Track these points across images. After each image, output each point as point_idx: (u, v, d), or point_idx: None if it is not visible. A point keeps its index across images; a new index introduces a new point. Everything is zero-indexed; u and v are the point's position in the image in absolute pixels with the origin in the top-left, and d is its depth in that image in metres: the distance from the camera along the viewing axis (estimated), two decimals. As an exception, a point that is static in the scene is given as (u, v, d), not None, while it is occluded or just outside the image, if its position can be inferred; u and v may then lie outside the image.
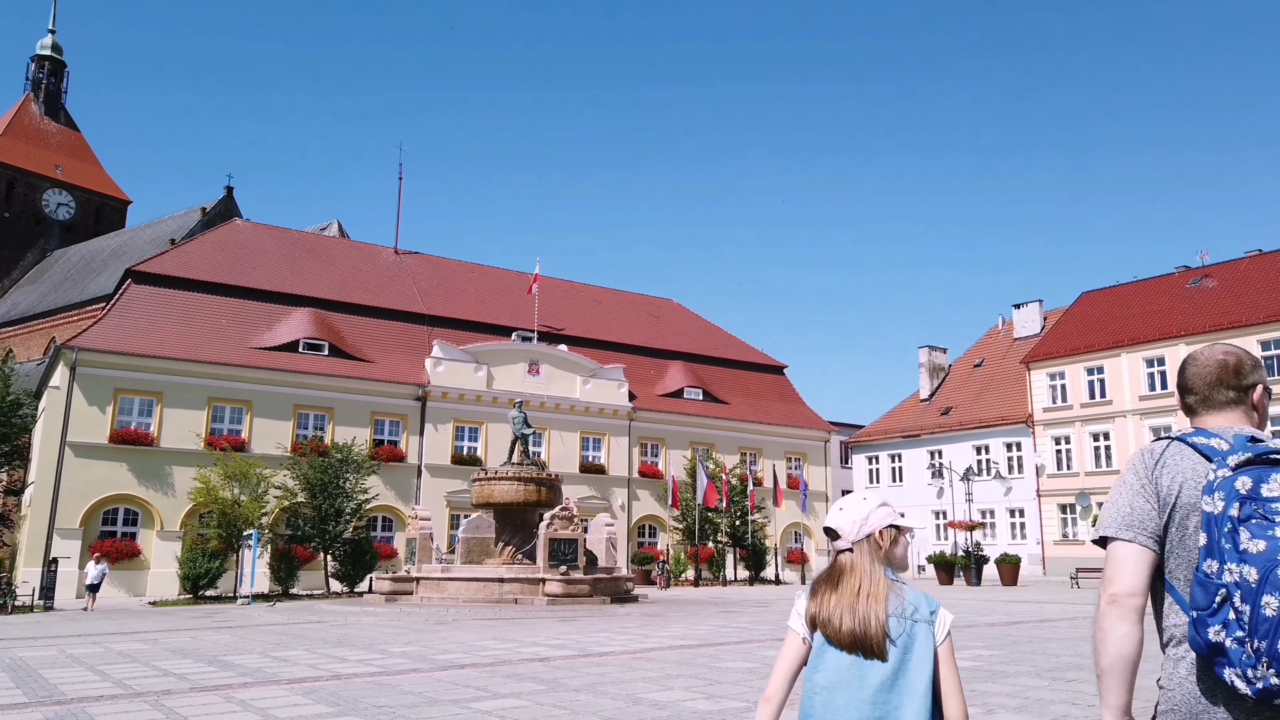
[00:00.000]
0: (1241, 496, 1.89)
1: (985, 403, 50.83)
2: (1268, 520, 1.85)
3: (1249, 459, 1.95)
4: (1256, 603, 1.79)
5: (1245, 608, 1.81)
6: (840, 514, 2.42)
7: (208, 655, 12.46)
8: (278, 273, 39.72)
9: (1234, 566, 1.84)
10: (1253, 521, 1.86)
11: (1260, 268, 43.42)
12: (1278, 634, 1.76)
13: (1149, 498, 2.08)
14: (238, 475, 28.74)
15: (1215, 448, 2.04)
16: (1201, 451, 2.05)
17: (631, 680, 9.57)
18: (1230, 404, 2.19)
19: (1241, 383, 2.19)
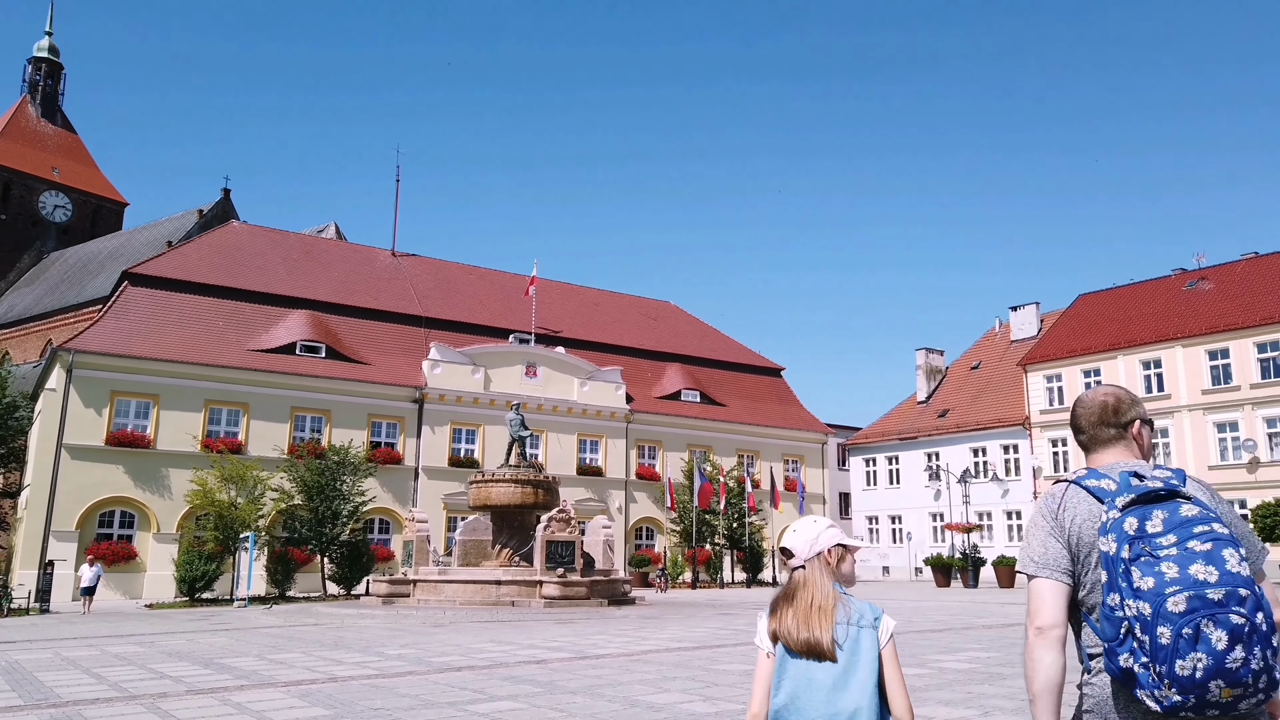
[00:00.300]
0: (1130, 538, 2.14)
1: (982, 405, 50.88)
2: (1154, 557, 2.11)
3: (1133, 499, 2.20)
4: (1153, 634, 2.05)
5: (1145, 638, 2.06)
6: (794, 535, 2.68)
7: (204, 658, 12.44)
8: (275, 275, 39.70)
9: (1131, 602, 2.10)
10: (1141, 560, 2.11)
11: (1256, 270, 43.50)
12: (1173, 659, 2.01)
13: (1059, 538, 2.33)
14: (234, 477, 28.70)
15: (1104, 489, 2.28)
16: (1093, 494, 2.29)
17: (628, 682, 9.56)
18: (1113, 440, 2.48)
19: (1121, 420, 2.48)
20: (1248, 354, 39.59)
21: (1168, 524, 2.15)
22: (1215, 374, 40.62)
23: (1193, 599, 2.04)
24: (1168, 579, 2.07)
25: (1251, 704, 2.07)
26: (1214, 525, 2.14)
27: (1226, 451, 39.77)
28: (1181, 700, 2.04)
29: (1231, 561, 2.08)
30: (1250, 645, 2.02)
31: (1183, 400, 41.30)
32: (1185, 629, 2.02)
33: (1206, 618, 2.02)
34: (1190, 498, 2.21)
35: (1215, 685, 2.02)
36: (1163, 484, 2.22)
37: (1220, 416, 40.12)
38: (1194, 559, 2.08)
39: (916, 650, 12.46)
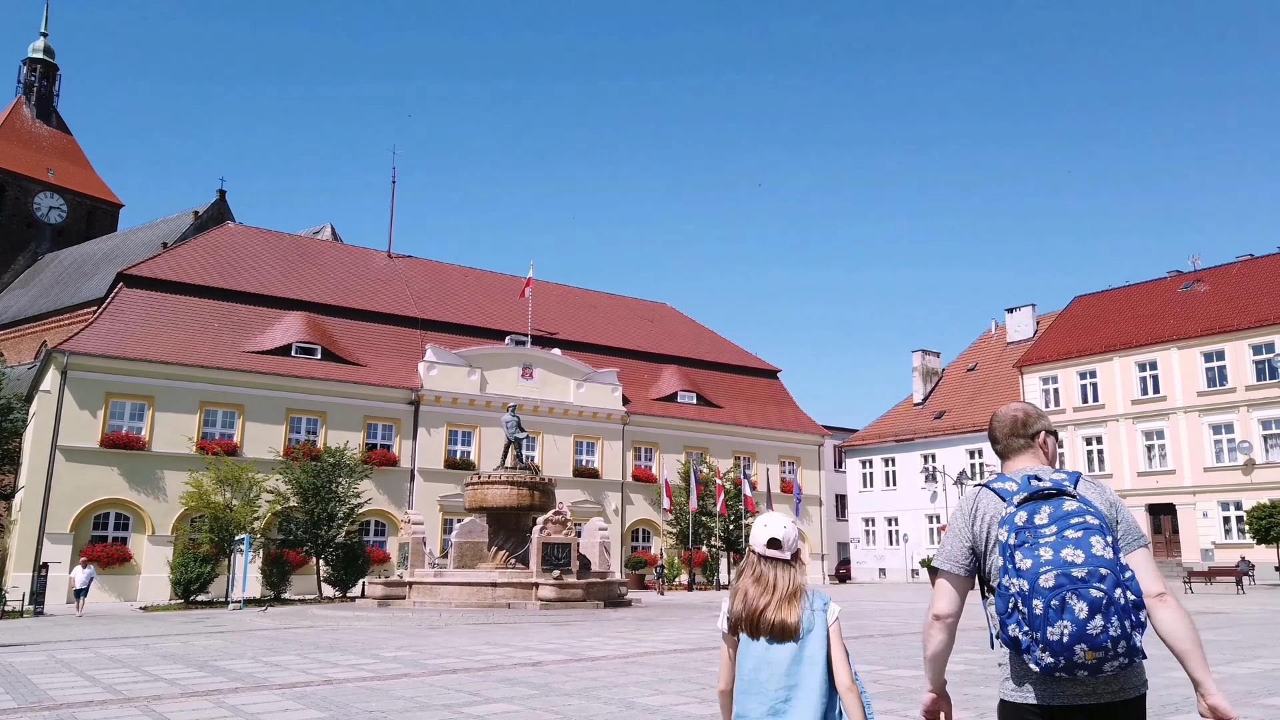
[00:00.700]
0: (1018, 528, 2.56)
1: (979, 406, 50.91)
2: (1034, 543, 2.51)
3: (1026, 496, 2.62)
4: (1030, 606, 2.46)
5: (1025, 610, 2.48)
6: (784, 530, 3.04)
7: (198, 660, 12.41)
8: (270, 276, 39.64)
9: (1015, 581, 2.51)
10: (1024, 545, 2.52)
11: (1251, 272, 43.62)
12: (1045, 626, 2.43)
13: (965, 539, 2.78)
14: (230, 479, 28.64)
15: (1008, 490, 2.71)
16: (999, 494, 2.73)
17: (624, 685, 9.55)
18: (1023, 448, 2.89)
19: (1028, 432, 2.90)
20: (1243, 356, 39.67)
21: (1052, 517, 2.55)
22: (1211, 376, 40.70)
23: (1060, 576, 2.44)
24: (1043, 560, 2.48)
25: (1114, 666, 2.45)
26: (1088, 518, 2.53)
27: (1222, 453, 39.84)
28: (1054, 662, 2.45)
29: (1098, 546, 2.46)
30: (1108, 615, 2.40)
31: (1178, 402, 41.38)
32: (1054, 601, 2.43)
33: (1071, 592, 2.42)
34: (1075, 495, 2.61)
35: (1079, 649, 2.41)
36: (1052, 484, 2.64)
37: (1216, 418, 40.19)
38: (1066, 544, 2.48)
39: (913, 651, 12.46)
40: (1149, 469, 42.04)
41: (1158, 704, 8.04)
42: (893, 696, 8.61)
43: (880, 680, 9.62)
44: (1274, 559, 35.25)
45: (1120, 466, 42.97)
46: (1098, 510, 2.57)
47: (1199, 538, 39.74)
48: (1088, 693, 2.56)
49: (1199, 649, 2.53)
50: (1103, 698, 2.55)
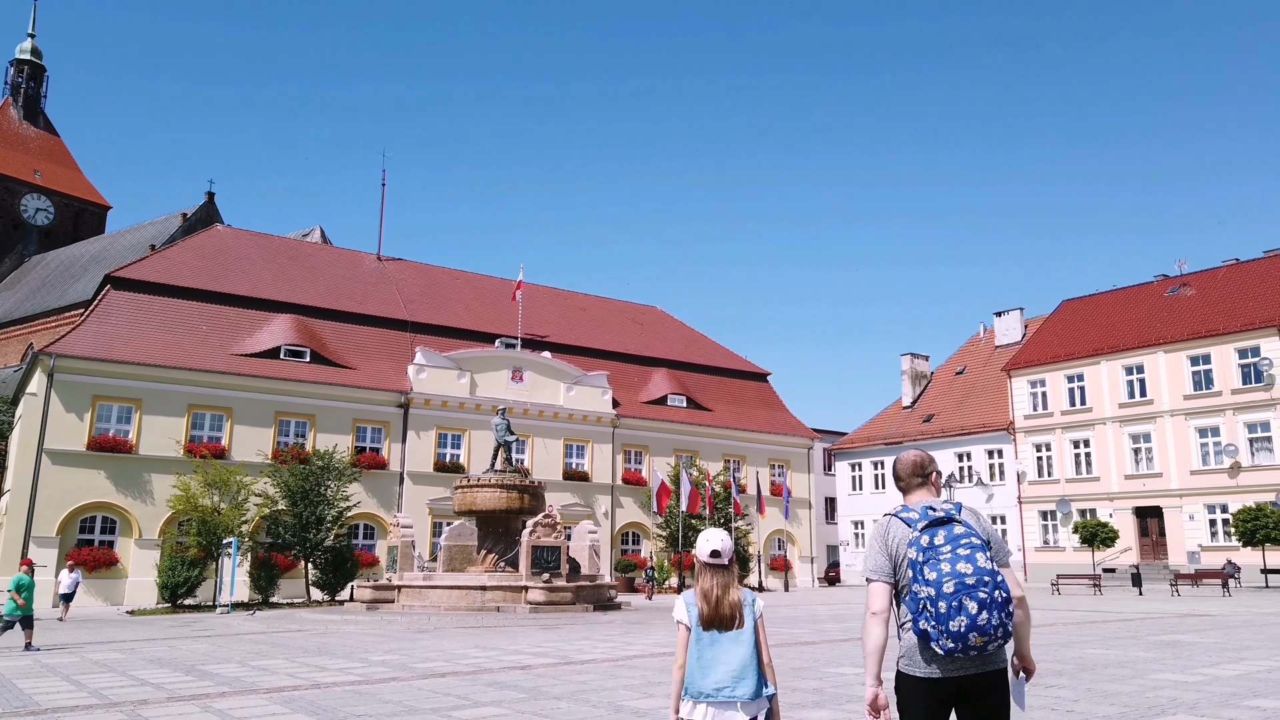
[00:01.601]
0: (923, 548, 3.46)
1: (967, 410, 51.11)
2: (936, 560, 3.41)
3: (928, 523, 3.51)
4: (936, 607, 3.36)
5: (932, 609, 3.37)
6: (722, 542, 3.89)
7: (185, 664, 12.35)
8: (259, 279, 39.50)
9: (924, 588, 3.41)
10: (929, 561, 3.42)
11: (1237, 277, 43.92)
12: (947, 621, 3.33)
13: (885, 554, 3.60)
14: (218, 483, 28.50)
15: (911, 518, 3.58)
16: (905, 522, 3.59)
17: (613, 688, 9.55)
18: (920, 485, 3.78)
19: (925, 473, 3.80)
20: (1229, 360, 39.94)
21: (947, 539, 3.46)
22: (1197, 379, 40.94)
23: (957, 584, 3.35)
24: (944, 572, 3.38)
25: (995, 646, 3.42)
26: (973, 539, 3.46)
27: (1208, 456, 40.08)
28: (954, 646, 3.37)
29: (981, 560, 3.40)
30: (991, 611, 3.34)
31: (1165, 405, 41.62)
32: (954, 602, 3.34)
33: (965, 595, 3.34)
34: (962, 521, 3.53)
35: (972, 635, 3.34)
36: (945, 513, 3.55)
37: (1202, 422, 40.44)
38: (959, 560, 3.40)
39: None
40: (1136, 472, 42.26)
41: (1144, 706, 8.10)
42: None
43: (868, 683, 9.63)
44: (1260, 562, 35.48)
45: (1107, 470, 43.18)
46: (979, 533, 3.49)
47: (1185, 540, 39.96)
48: (974, 666, 3.49)
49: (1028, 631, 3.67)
50: (984, 668, 3.51)
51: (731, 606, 3.75)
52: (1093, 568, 38.09)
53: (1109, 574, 38.93)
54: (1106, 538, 37.91)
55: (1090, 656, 12.23)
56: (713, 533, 3.92)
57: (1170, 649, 13.03)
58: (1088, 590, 33.83)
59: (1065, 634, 15.87)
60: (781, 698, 6.73)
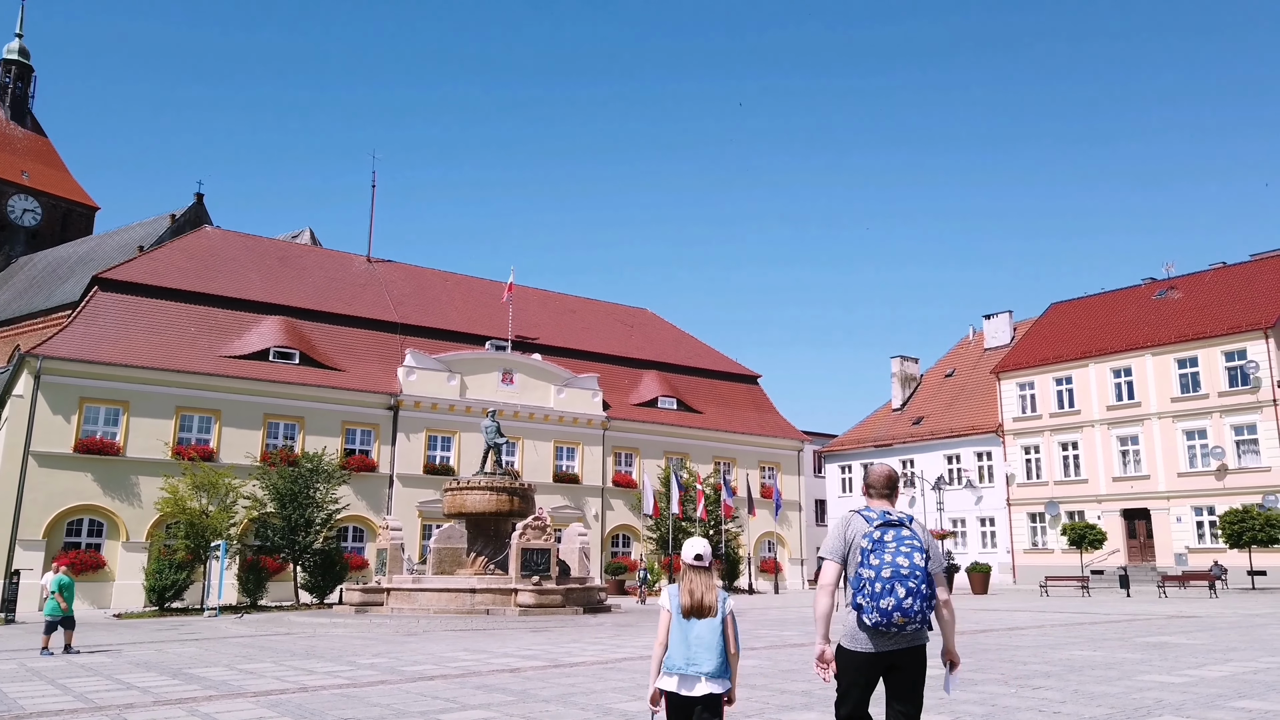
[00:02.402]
0: (874, 540, 4.32)
1: (956, 412, 51.28)
2: (881, 551, 4.27)
3: (882, 523, 4.39)
4: (873, 587, 4.23)
5: (870, 589, 4.24)
6: (704, 548, 4.76)
7: (172, 668, 12.29)
8: (248, 281, 39.34)
9: (867, 571, 4.28)
10: (875, 551, 4.29)
11: (1224, 280, 44.22)
12: (879, 599, 4.19)
13: (842, 541, 4.48)
14: (206, 485, 28.36)
15: (871, 517, 4.45)
16: (865, 519, 4.46)
17: (602, 690, 9.55)
18: (885, 495, 4.64)
19: (892, 486, 4.66)
20: (1216, 363, 40.19)
21: (894, 538, 4.32)
22: (1184, 382, 41.19)
23: (894, 572, 4.22)
24: (885, 561, 4.25)
25: (914, 628, 4.27)
26: (915, 541, 4.33)
27: (1195, 458, 40.32)
28: (880, 620, 4.22)
29: (917, 559, 4.26)
30: (915, 598, 4.19)
31: (1152, 408, 41.85)
32: (887, 585, 4.21)
33: (897, 581, 4.20)
34: (910, 528, 4.38)
35: (896, 614, 4.19)
36: (898, 519, 4.41)
37: (1189, 424, 40.68)
38: (900, 554, 4.26)
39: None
40: (1124, 474, 42.48)
41: (1130, 707, 8.13)
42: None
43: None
44: (1246, 563, 35.69)
45: (1095, 472, 43.39)
46: (921, 540, 4.37)
47: (1173, 542, 40.18)
48: (895, 644, 4.34)
49: (954, 630, 4.52)
50: (903, 645, 4.35)
51: (709, 600, 4.61)
52: (1081, 569, 38.26)
53: (1097, 575, 39.11)
54: (1094, 539, 38.10)
55: (1078, 658, 12.28)
56: (696, 540, 4.80)
57: (1157, 650, 13.09)
58: (1076, 592, 33.97)
59: (1053, 635, 15.93)
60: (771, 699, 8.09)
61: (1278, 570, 35.51)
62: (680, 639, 4.57)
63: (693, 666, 4.50)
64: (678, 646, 4.57)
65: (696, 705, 4.52)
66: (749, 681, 10.18)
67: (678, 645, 4.57)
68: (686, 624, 4.58)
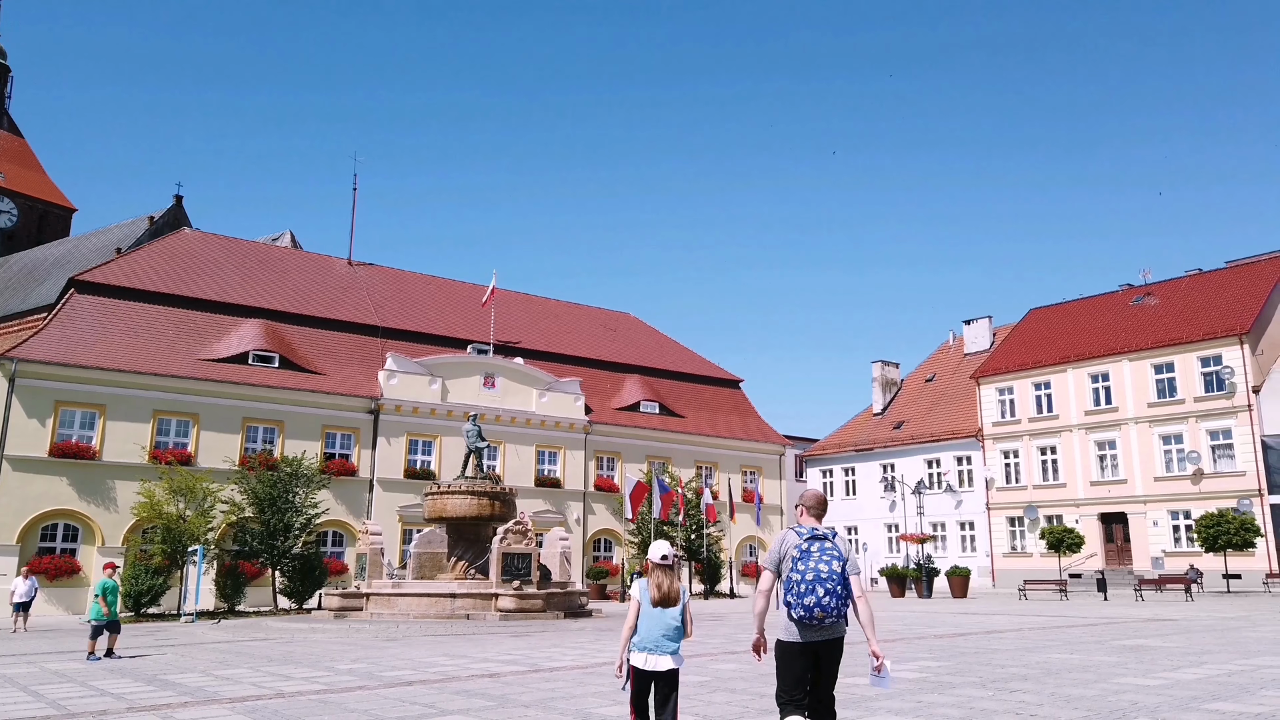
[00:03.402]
0: (803, 550, 5.17)
1: (936, 417, 51.58)
2: (808, 559, 5.14)
3: (810, 537, 5.23)
4: (799, 588, 5.09)
5: (797, 589, 5.11)
6: (669, 550, 5.80)
7: (147, 674, 12.16)
8: (227, 283, 39.06)
9: (795, 575, 5.13)
10: (803, 559, 5.14)
11: (1200, 286, 44.74)
12: (804, 597, 5.06)
13: (778, 553, 5.35)
14: (183, 489, 28.09)
15: (802, 532, 5.30)
16: (797, 534, 5.32)
17: (582, 695, 9.53)
18: (815, 514, 5.48)
19: (822, 506, 5.49)
20: (1192, 368, 40.63)
21: (819, 549, 5.19)
22: (1161, 387, 41.62)
23: (815, 576, 5.09)
24: (810, 567, 5.12)
25: (832, 621, 5.14)
26: (835, 551, 5.19)
27: (1171, 463, 40.72)
28: (804, 615, 5.10)
29: (836, 566, 5.12)
30: (833, 596, 5.07)
31: (1129, 413, 42.25)
32: (811, 586, 5.08)
33: (818, 583, 5.07)
34: (832, 540, 5.25)
35: (816, 610, 5.06)
36: (823, 533, 5.29)
37: (1166, 429, 41.09)
38: (822, 561, 5.14)
39: (869, 660, 12.54)
40: (1101, 478, 42.85)
41: (1106, 710, 8.20)
42: (848, 705, 8.66)
43: (836, 690, 9.66)
44: (1221, 567, 36.08)
45: (1074, 476, 43.75)
46: (840, 550, 5.22)
47: (1149, 546, 40.56)
48: (819, 635, 5.22)
49: (873, 625, 5.32)
50: (825, 636, 5.23)
51: (673, 592, 5.65)
52: (1059, 573, 38.55)
53: (1075, 579, 39.43)
54: (1072, 543, 38.41)
55: (1055, 661, 12.36)
56: (661, 543, 5.83)
57: (1133, 653, 13.21)
58: (1054, 595, 34.22)
59: (1031, 639, 16.04)
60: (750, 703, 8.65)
61: (1252, 574, 35.92)
62: (648, 624, 5.54)
63: (658, 646, 5.53)
64: (646, 630, 5.54)
65: (658, 678, 5.54)
66: (728, 685, 10.19)
67: (645, 629, 5.54)
68: (654, 612, 5.56)
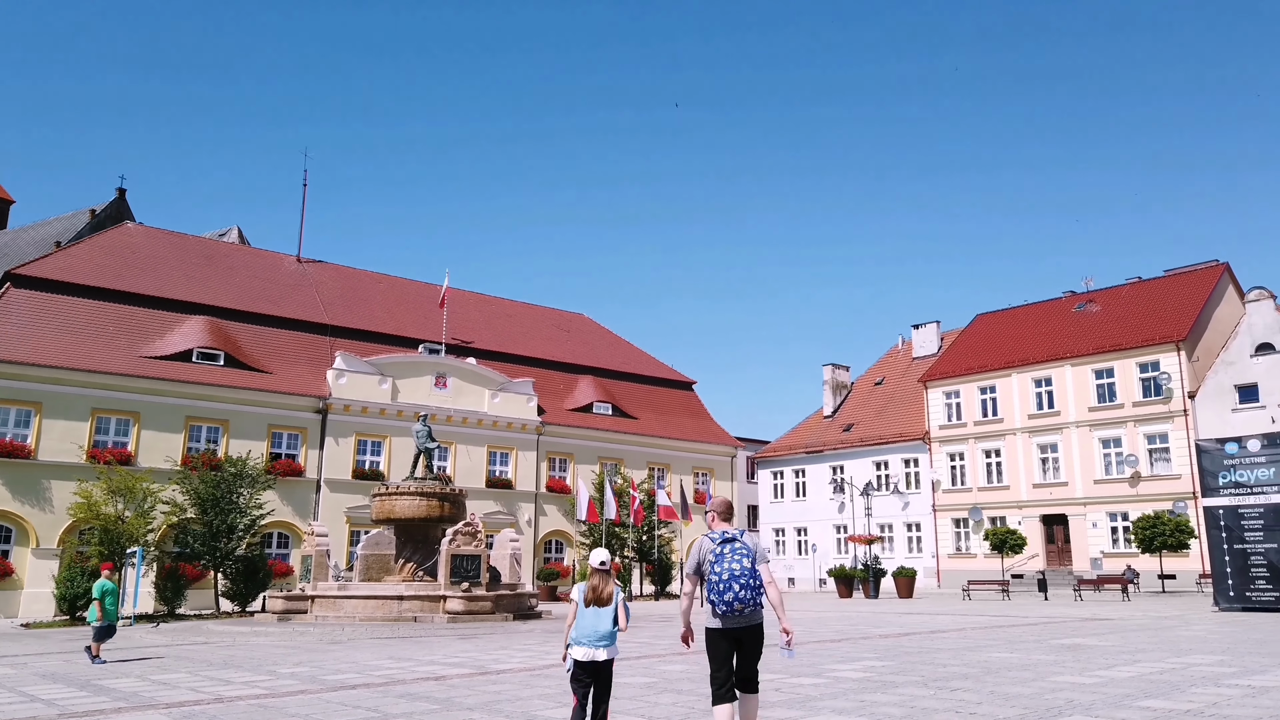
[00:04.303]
0: (718, 554, 5.95)
1: (885, 420, 52.29)
2: (723, 560, 5.90)
3: (722, 541, 5.99)
4: (719, 586, 5.86)
5: (717, 587, 5.87)
6: (606, 556, 6.51)
7: (81, 680, 11.84)
8: (171, 279, 38.19)
9: (714, 575, 5.90)
10: (719, 561, 5.92)
11: (1140, 294, 46.00)
12: (724, 594, 5.83)
13: (696, 558, 6.11)
14: (122, 490, 27.39)
15: (714, 537, 6.06)
16: (711, 540, 6.06)
17: (528, 698, 9.48)
18: (725, 519, 6.21)
19: (730, 512, 6.26)
20: (1131, 374, 41.74)
21: (730, 550, 5.91)
22: (1101, 392, 42.69)
23: (730, 575, 5.83)
24: (725, 567, 5.85)
25: (749, 611, 5.85)
26: (744, 550, 5.90)
27: (1111, 466, 41.79)
28: (726, 609, 5.83)
29: (746, 563, 5.85)
30: (748, 590, 5.80)
31: (1071, 417, 43.26)
32: (727, 583, 5.81)
33: (734, 580, 5.81)
34: (742, 541, 5.94)
35: (735, 603, 5.80)
36: (732, 535, 5.99)
37: (1105, 433, 42.15)
38: (734, 561, 5.86)
39: (814, 660, 12.69)
40: (1043, 481, 43.81)
41: (1043, 707, 8.37)
42: (793, 705, 8.75)
43: (782, 689, 9.76)
44: (1157, 567, 37.10)
45: (1017, 478, 44.66)
46: (750, 549, 5.94)
47: (1089, 547, 41.57)
48: (740, 623, 5.93)
49: (783, 606, 6.05)
50: (745, 624, 5.94)
51: (607, 594, 6.33)
52: (1002, 573, 39.32)
53: (1017, 579, 40.25)
54: (1015, 544, 39.20)
55: (995, 660, 12.60)
56: (599, 550, 6.57)
57: (1070, 652, 13.52)
58: (997, 595, 34.89)
59: (973, 638, 16.33)
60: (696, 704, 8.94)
61: (1186, 574, 36.99)
62: (584, 622, 6.26)
63: (594, 640, 6.23)
64: (583, 626, 6.26)
65: (595, 667, 6.26)
66: (675, 686, 10.23)
67: (583, 625, 6.26)
68: (589, 611, 6.28)
